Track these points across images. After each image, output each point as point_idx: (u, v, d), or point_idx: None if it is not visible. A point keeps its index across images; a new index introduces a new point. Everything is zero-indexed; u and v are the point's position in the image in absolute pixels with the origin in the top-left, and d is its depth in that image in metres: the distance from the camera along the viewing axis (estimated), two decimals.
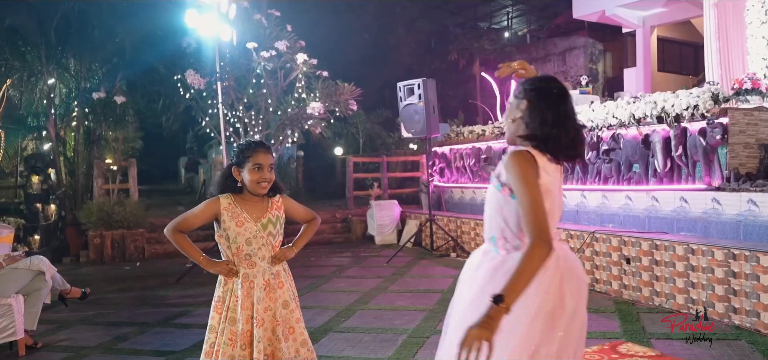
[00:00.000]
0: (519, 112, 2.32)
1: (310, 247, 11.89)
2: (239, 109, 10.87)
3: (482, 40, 22.93)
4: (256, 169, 3.11)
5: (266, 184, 3.14)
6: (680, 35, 18.01)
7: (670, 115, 7.33)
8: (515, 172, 2.19)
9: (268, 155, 3.16)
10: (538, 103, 2.28)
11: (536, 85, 2.34)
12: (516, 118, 2.34)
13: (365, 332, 5.82)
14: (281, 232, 3.28)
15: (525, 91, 2.34)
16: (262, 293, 3.16)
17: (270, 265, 3.23)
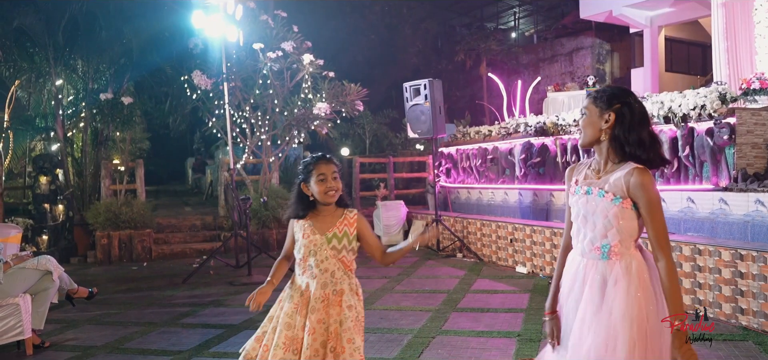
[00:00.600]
0: (604, 122, 2.53)
1: None
2: (246, 110, 10.90)
3: (489, 41, 22.87)
4: (321, 181, 3.14)
5: (334, 192, 3.15)
6: (688, 35, 17.94)
7: (677, 115, 7.30)
8: (651, 191, 2.44)
9: (330, 165, 3.17)
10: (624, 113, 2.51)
11: (625, 100, 2.53)
12: (603, 130, 2.54)
13: (370, 332, 5.81)
14: (351, 249, 3.22)
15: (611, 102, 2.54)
16: (318, 304, 3.13)
17: (335, 278, 3.18)
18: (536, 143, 10.15)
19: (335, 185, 3.16)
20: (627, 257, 2.51)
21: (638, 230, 2.54)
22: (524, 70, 22.42)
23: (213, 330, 6.09)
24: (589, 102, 2.61)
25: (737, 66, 11.80)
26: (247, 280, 8.47)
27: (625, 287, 2.48)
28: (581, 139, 2.65)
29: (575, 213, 2.66)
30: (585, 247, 2.61)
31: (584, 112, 2.60)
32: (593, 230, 2.56)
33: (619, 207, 2.48)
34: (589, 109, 2.58)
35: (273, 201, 11.33)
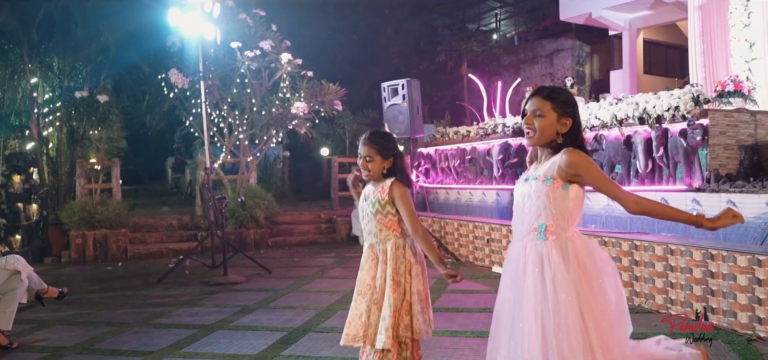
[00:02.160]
0: (562, 126, 2.70)
1: (294, 247, 11.89)
2: (223, 109, 10.82)
3: (470, 42, 22.93)
4: (359, 158, 3.56)
5: (366, 172, 3.52)
6: (666, 38, 18.12)
7: (651, 116, 7.36)
8: (585, 162, 2.63)
9: (365, 146, 3.51)
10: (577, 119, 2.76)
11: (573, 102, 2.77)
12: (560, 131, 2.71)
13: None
14: (386, 213, 3.48)
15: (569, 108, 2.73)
16: (366, 263, 3.58)
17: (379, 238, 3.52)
18: (514, 144, 10.18)
19: (367, 166, 3.49)
20: (563, 239, 2.65)
21: (572, 212, 2.68)
22: (505, 72, 22.51)
23: (186, 330, 6.03)
24: (547, 104, 2.70)
25: (713, 68, 11.92)
26: (222, 280, 8.41)
27: (564, 266, 2.60)
28: (535, 139, 2.74)
29: (516, 202, 2.82)
30: (523, 231, 2.74)
31: (540, 113, 2.69)
32: (529, 212, 2.70)
33: (550, 186, 2.64)
34: (545, 110, 2.69)
35: (251, 201, 11.27)
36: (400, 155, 3.56)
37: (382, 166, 3.50)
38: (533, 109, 2.71)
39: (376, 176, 3.52)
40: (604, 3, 16.19)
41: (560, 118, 2.69)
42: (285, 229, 12.28)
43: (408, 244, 3.52)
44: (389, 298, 3.41)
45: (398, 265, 3.47)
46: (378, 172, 3.50)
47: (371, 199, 3.54)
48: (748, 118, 7.24)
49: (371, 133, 3.59)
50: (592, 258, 2.66)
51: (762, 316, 5.02)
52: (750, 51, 10.56)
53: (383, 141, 3.54)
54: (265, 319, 6.39)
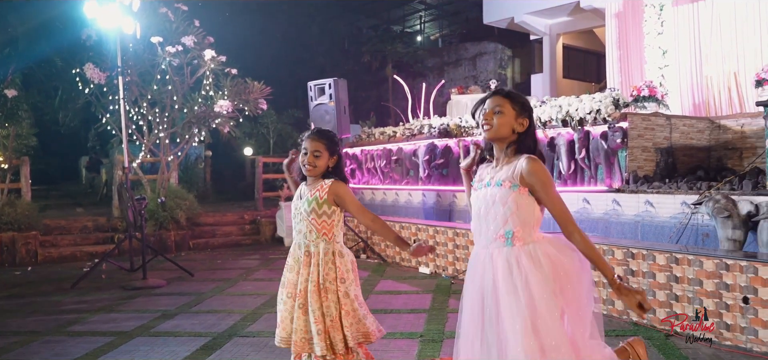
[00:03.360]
0: (519, 125, 2.75)
1: (217, 249, 11.58)
2: (143, 106, 10.41)
3: (395, 43, 23.05)
4: (303, 153, 3.47)
5: (310, 167, 3.43)
6: (584, 44, 18.73)
7: (574, 118, 7.55)
8: (545, 176, 2.66)
9: (313, 141, 3.44)
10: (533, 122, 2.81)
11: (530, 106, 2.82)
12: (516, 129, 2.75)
13: (271, 336, 5.56)
14: (322, 213, 3.43)
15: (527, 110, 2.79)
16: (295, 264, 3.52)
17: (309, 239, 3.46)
18: (440, 145, 10.25)
19: (312, 161, 3.41)
20: (530, 244, 2.67)
21: (538, 217, 2.72)
22: (429, 73, 22.75)
23: (103, 338, 5.73)
24: (506, 103, 2.76)
25: (628, 74, 12.39)
26: (141, 284, 8.06)
27: (535, 269, 2.63)
28: (491, 133, 2.76)
29: (476, 209, 2.81)
30: (489, 238, 2.74)
31: (499, 110, 2.73)
32: (495, 220, 2.71)
33: (517, 193, 2.66)
34: (505, 108, 2.74)
35: (171, 201, 10.89)
36: (341, 156, 3.56)
37: (327, 163, 3.46)
38: (493, 106, 2.77)
39: (320, 172, 3.47)
40: (526, 8, 16.59)
41: (517, 117, 2.75)
42: (207, 230, 11.94)
43: (337, 249, 3.46)
44: (312, 305, 3.37)
45: (327, 271, 3.41)
46: (323, 169, 3.46)
47: (307, 197, 3.47)
48: (663, 122, 7.53)
49: (319, 129, 3.58)
50: (562, 255, 2.69)
51: (679, 311, 5.20)
52: (663, 58, 11.02)
53: (333, 138, 3.54)
54: (188, 324, 6.15)
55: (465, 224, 8.66)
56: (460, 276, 7.89)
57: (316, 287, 3.39)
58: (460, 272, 7.90)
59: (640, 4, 11.77)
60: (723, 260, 4.90)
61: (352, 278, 3.48)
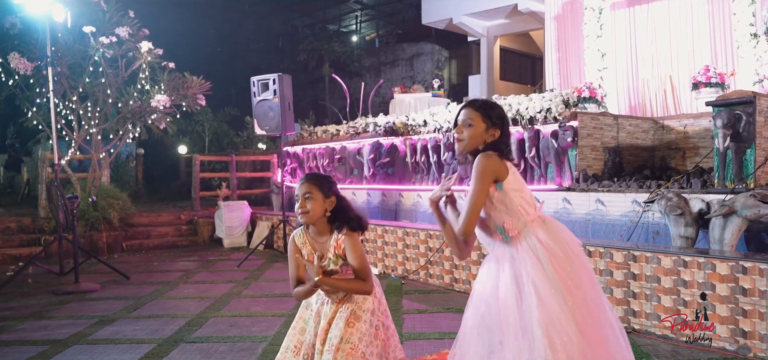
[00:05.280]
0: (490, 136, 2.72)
1: (153, 251, 11.09)
2: (73, 100, 9.82)
3: (332, 42, 22.85)
4: (296, 200, 3.07)
5: (303, 212, 3.03)
6: (520, 47, 19.05)
7: (524, 117, 7.54)
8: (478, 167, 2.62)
9: (304, 184, 3.05)
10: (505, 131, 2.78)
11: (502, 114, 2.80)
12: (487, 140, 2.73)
13: (220, 341, 5.37)
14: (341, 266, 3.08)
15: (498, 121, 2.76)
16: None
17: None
18: (385, 143, 10.12)
19: (305, 206, 3.02)
20: (526, 232, 2.67)
21: (520, 203, 2.68)
22: (366, 73, 22.67)
23: (34, 347, 5.30)
24: (477, 115, 2.74)
25: (567, 76, 12.60)
26: (73, 289, 7.56)
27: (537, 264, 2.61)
28: (462, 146, 2.77)
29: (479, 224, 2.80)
30: (489, 242, 2.78)
31: (470, 123, 2.74)
32: (485, 225, 2.74)
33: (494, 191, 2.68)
34: (475, 121, 2.74)
35: (103, 201, 10.33)
36: (341, 196, 3.13)
37: (324, 207, 3.05)
38: (464, 118, 2.77)
39: (317, 218, 3.06)
40: (464, 10, 16.72)
41: (489, 129, 2.74)
42: (141, 231, 11.40)
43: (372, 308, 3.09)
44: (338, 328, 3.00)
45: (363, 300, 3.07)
46: (319, 214, 3.05)
47: (330, 255, 3.07)
48: (611, 122, 7.63)
49: (309, 173, 3.29)
50: (558, 242, 2.67)
51: (636, 309, 5.23)
52: (602, 60, 11.25)
53: (325, 178, 3.13)
54: (129, 330, 5.78)
55: (413, 224, 8.55)
56: (410, 276, 7.77)
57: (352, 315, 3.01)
58: (410, 272, 7.78)
59: (579, 8, 12.00)
60: (681, 257, 4.94)
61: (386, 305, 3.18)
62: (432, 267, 7.46)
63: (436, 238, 7.45)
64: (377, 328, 3.06)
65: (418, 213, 9.34)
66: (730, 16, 9.71)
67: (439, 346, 5.06)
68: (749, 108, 5.80)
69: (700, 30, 10.43)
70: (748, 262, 4.56)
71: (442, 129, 8.86)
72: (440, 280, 7.35)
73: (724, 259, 4.71)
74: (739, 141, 5.86)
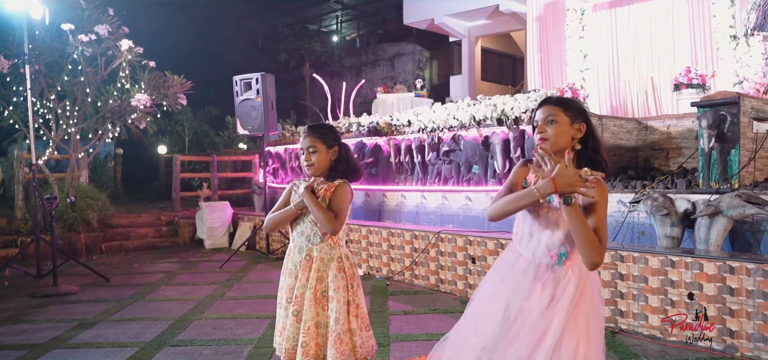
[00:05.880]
0: (576, 131, 2.56)
1: (132, 252, 10.93)
2: (51, 99, 9.64)
3: (312, 42, 22.75)
4: (301, 152, 3.21)
5: (308, 165, 3.16)
6: (501, 47, 19.11)
7: (509, 117, 7.53)
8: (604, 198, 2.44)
9: (307, 138, 3.17)
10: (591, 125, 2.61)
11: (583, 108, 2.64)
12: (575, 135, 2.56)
13: (205, 345, 5.28)
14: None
15: (580, 113, 2.59)
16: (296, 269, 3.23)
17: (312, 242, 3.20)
18: (369, 143, 10.06)
19: (309, 159, 3.14)
20: (578, 264, 2.50)
21: None
22: (347, 73, 22.59)
23: (13, 352, 5.17)
24: (558, 110, 2.56)
25: (549, 76, 12.65)
26: (52, 291, 7.42)
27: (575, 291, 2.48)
28: (550, 145, 2.53)
29: (531, 217, 2.58)
30: (538, 252, 2.56)
31: (553, 119, 2.54)
32: (550, 238, 2.52)
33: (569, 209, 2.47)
34: (558, 116, 2.55)
35: (81, 201, 10.16)
36: (344, 146, 3.25)
37: (329, 157, 3.19)
38: (545, 115, 2.58)
39: (322, 170, 3.18)
40: (446, 10, 16.72)
41: (573, 123, 2.56)
42: (121, 232, 11.22)
43: (344, 253, 3.22)
44: (306, 313, 3.10)
45: (332, 278, 3.15)
46: (325, 165, 3.18)
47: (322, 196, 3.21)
48: (596, 122, 7.63)
49: (311, 124, 3.27)
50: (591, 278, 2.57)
51: (624, 309, 5.23)
52: (584, 61, 11.29)
53: (327, 129, 3.25)
54: (110, 333, 5.67)
55: (398, 224, 8.51)
56: (395, 277, 7.73)
57: (314, 295, 3.11)
58: (395, 273, 7.74)
59: (561, 9, 12.03)
60: (668, 257, 4.96)
61: (359, 283, 3.24)
62: (417, 268, 7.43)
63: (421, 239, 7.42)
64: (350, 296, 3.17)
65: (403, 213, 9.30)
66: (711, 18, 9.80)
67: (427, 348, 5.01)
68: (734, 109, 5.84)
69: (681, 32, 10.52)
70: (736, 261, 4.58)
71: (426, 129, 8.82)
72: (426, 280, 7.32)
73: (711, 258, 4.74)
74: (724, 141, 5.89)
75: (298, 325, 3.12)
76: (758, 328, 4.44)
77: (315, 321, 3.10)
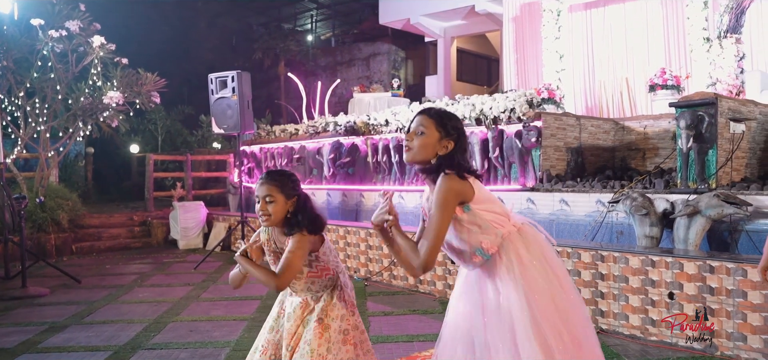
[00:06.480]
0: (442, 148, 2.49)
1: (104, 253, 10.72)
2: (19, 96, 9.40)
3: (287, 41, 22.60)
4: (257, 201, 2.92)
5: (264, 216, 2.86)
6: (476, 48, 19.15)
7: (488, 117, 7.52)
8: (442, 195, 2.39)
9: (264, 185, 2.87)
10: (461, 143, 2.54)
11: (459, 126, 2.57)
12: (439, 151, 2.50)
13: (181, 348, 5.16)
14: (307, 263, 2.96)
15: (453, 131, 2.52)
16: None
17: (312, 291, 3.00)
18: (346, 143, 9.99)
19: (266, 209, 2.85)
20: (505, 246, 2.49)
21: (492, 218, 2.49)
22: (322, 73, 22.45)
23: None
24: (431, 123, 2.50)
25: (525, 77, 12.70)
26: (21, 294, 7.21)
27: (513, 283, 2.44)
28: (409, 156, 2.53)
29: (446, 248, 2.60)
30: (468, 265, 2.60)
31: (423, 130, 2.49)
32: (460, 247, 2.53)
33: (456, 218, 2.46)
34: (429, 129, 2.49)
35: (51, 201, 9.92)
36: (303, 196, 2.96)
37: (285, 208, 2.89)
38: (416, 126, 2.52)
39: (278, 221, 2.90)
40: (422, 10, 16.70)
41: (442, 140, 2.50)
42: (92, 233, 10.99)
43: (342, 282, 3.03)
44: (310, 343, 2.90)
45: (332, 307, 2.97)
46: (281, 217, 2.89)
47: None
48: (574, 122, 7.66)
49: (269, 171, 3.00)
50: (535, 255, 2.52)
51: (604, 309, 5.23)
52: (560, 62, 11.35)
53: (286, 177, 2.96)
54: (82, 337, 5.51)
55: None
56: (373, 277, 7.67)
57: (318, 324, 2.91)
58: (373, 273, 7.67)
59: (538, 9, 12.09)
60: (649, 257, 4.96)
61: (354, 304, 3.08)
62: (395, 268, 7.37)
63: None
64: (346, 332, 2.94)
65: None
66: (684, 20, 9.92)
67: (408, 349, 4.97)
68: (712, 109, 5.88)
69: (655, 33, 10.64)
70: (716, 261, 4.60)
71: (403, 128, 8.78)
72: (405, 281, 7.27)
73: (691, 258, 4.75)
74: (702, 142, 5.94)
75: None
76: (738, 327, 4.46)
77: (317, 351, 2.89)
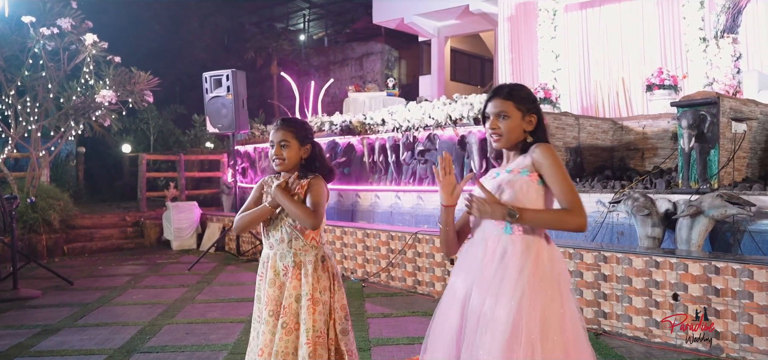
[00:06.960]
0: (528, 124, 2.51)
1: (96, 254, 10.59)
2: (10, 94, 9.26)
3: (280, 41, 22.50)
4: (270, 147, 3.03)
5: (278, 160, 2.97)
6: (470, 48, 19.10)
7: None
8: (554, 158, 2.41)
9: (280, 131, 2.98)
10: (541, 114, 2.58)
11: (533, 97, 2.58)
12: (526, 128, 2.51)
13: (177, 351, 5.07)
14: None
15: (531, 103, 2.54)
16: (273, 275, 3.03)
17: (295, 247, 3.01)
18: (342, 142, 9.90)
19: (280, 153, 2.96)
20: (530, 235, 2.41)
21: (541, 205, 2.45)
22: (315, 72, 22.35)
23: None
24: (510, 104, 2.49)
25: (520, 76, 12.64)
26: (12, 296, 7.09)
27: (519, 266, 2.36)
28: (502, 143, 2.52)
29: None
30: (489, 226, 2.47)
31: (505, 113, 2.48)
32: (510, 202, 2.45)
33: (526, 179, 2.43)
34: (510, 111, 2.48)
35: (43, 201, 9.78)
36: (316, 144, 3.09)
37: (299, 154, 3.00)
38: (496, 110, 2.50)
39: (292, 166, 2.99)
40: (416, 10, 16.63)
41: (525, 116, 2.51)
42: (84, 233, 10.85)
43: (326, 253, 3.07)
44: (305, 323, 2.91)
45: (317, 279, 2.98)
46: (295, 162, 2.99)
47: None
48: (573, 122, 7.61)
49: (286, 117, 3.11)
50: (554, 262, 2.43)
51: (607, 310, 5.18)
52: (556, 61, 11.31)
53: (302, 125, 3.07)
54: (76, 340, 5.41)
55: (374, 225, 8.36)
56: (371, 278, 7.58)
57: (311, 302, 2.93)
58: (370, 274, 7.59)
59: (533, 9, 12.04)
60: (653, 258, 4.91)
61: (341, 283, 3.11)
62: (393, 269, 7.29)
63: (398, 240, 7.28)
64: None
65: (376, 214, 9.16)
66: (680, 20, 9.89)
67: (409, 351, 4.89)
68: (714, 109, 5.84)
69: (651, 33, 10.62)
70: (721, 262, 4.55)
71: (400, 128, 8.70)
72: (403, 282, 7.19)
73: (696, 259, 4.70)
74: (704, 141, 5.89)
75: (288, 337, 2.93)
76: (744, 328, 4.41)
77: (313, 327, 2.93)
